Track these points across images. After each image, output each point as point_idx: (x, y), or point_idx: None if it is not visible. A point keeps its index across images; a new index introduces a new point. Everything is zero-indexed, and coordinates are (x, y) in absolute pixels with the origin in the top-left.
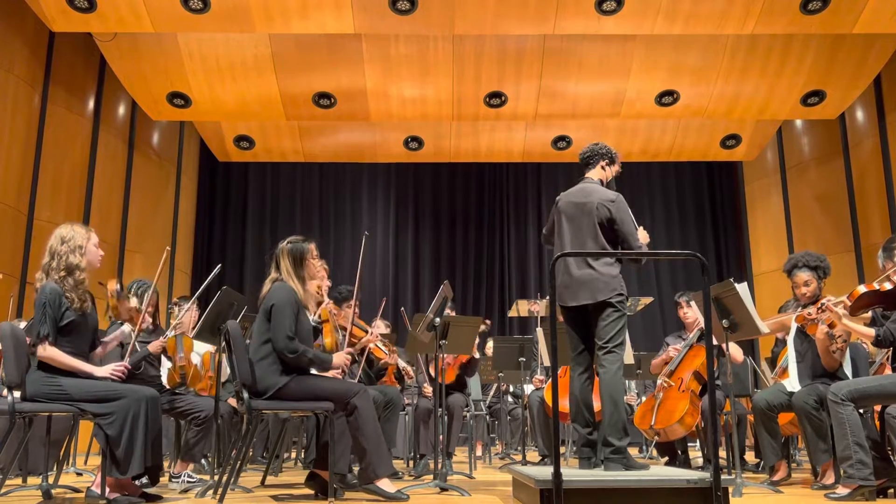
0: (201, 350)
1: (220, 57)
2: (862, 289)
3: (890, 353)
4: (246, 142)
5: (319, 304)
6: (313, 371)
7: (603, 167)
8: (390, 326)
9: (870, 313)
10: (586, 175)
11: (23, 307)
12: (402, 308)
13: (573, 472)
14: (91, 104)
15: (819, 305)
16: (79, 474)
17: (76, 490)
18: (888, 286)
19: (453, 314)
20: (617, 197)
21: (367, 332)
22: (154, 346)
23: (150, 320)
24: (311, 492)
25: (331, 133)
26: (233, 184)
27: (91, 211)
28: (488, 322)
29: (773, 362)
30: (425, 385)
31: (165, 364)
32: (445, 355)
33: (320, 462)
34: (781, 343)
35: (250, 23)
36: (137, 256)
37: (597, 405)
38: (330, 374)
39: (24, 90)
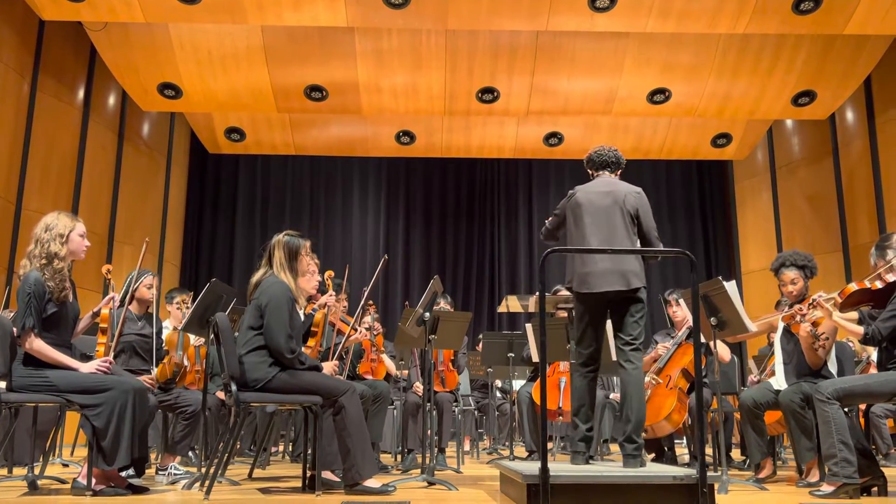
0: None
1: (212, 48)
2: (853, 286)
3: (875, 352)
4: (237, 134)
5: (311, 298)
6: None
7: (617, 174)
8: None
9: (856, 314)
10: (602, 173)
11: (10, 298)
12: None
13: (560, 467)
14: (81, 94)
15: (810, 301)
16: (65, 465)
17: (62, 481)
18: (879, 284)
19: (450, 309)
20: (640, 190)
21: (356, 329)
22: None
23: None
24: (299, 485)
25: (322, 126)
26: (223, 176)
27: (80, 201)
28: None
29: (760, 361)
30: (417, 384)
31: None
32: (441, 366)
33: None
34: (768, 349)
35: (242, 14)
36: (126, 247)
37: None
38: (325, 369)
39: (12, 78)
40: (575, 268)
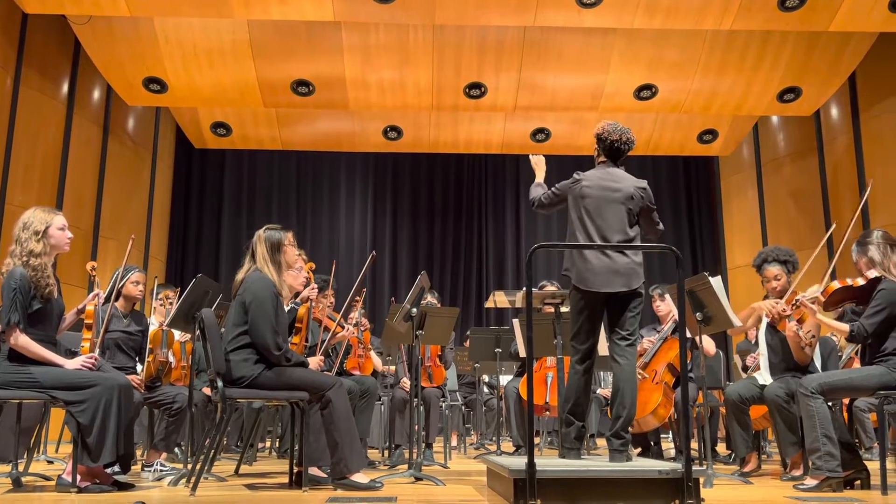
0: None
1: (198, 42)
2: (836, 285)
3: (859, 347)
4: (223, 128)
5: (297, 294)
6: None
7: (623, 161)
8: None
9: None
10: (609, 163)
11: None
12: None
13: (547, 462)
14: (65, 87)
15: (793, 302)
16: (49, 462)
17: (47, 478)
18: (861, 281)
19: (438, 305)
20: (646, 184)
21: (343, 326)
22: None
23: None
24: (286, 481)
25: (309, 121)
26: (209, 171)
27: (64, 196)
28: None
29: (743, 355)
30: (404, 379)
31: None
32: (428, 361)
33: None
34: (746, 343)
35: (228, 8)
36: (111, 243)
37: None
38: (311, 365)
39: None
40: (575, 260)
